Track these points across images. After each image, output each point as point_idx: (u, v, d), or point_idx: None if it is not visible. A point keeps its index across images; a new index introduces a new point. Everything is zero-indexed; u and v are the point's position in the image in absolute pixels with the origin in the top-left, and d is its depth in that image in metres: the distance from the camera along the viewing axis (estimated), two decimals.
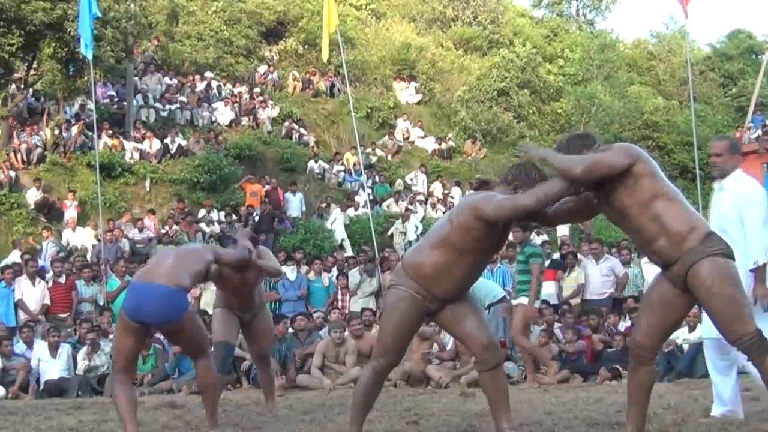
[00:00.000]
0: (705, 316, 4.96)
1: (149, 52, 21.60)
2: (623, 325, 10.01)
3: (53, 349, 9.67)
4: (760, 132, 24.24)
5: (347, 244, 16.25)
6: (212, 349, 5.98)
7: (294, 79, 23.29)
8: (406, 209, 17.76)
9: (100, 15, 13.57)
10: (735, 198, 5.11)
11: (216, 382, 5.58)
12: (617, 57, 29.73)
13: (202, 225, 15.72)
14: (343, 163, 20.03)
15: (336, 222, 16.82)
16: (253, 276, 6.20)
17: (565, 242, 14.66)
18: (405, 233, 16.97)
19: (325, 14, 13.57)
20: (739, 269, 4.78)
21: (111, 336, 9.99)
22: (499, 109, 24.98)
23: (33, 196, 15.63)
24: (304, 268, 12.53)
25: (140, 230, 15.24)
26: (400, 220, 16.98)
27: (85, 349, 9.86)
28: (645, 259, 11.27)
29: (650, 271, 11.08)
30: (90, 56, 13.22)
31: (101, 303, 11.64)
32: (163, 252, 5.77)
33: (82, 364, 9.77)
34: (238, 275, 6.12)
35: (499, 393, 4.52)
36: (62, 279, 11.55)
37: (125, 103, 18.87)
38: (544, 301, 10.50)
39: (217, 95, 21.12)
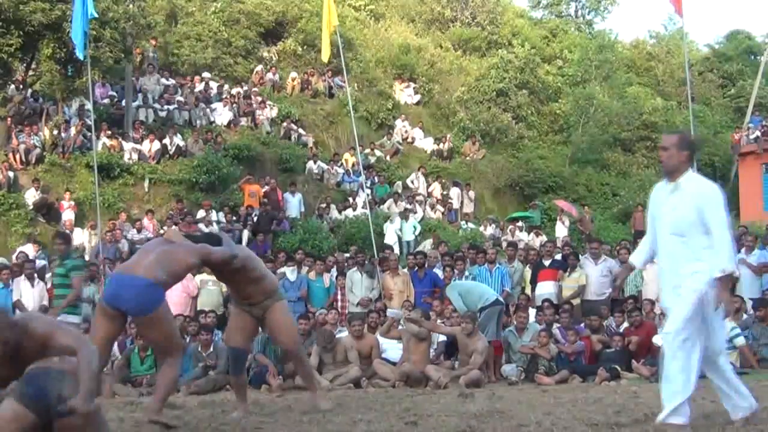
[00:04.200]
0: None
1: (149, 53, 21.57)
2: (622, 325, 10.01)
3: None
4: (758, 133, 24.27)
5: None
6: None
7: (293, 80, 23.29)
8: (405, 209, 17.77)
9: (96, 15, 13.51)
10: (695, 200, 4.72)
11: (175, 381, 5.81)
12: (616, 58, 29.76)
13: (201, 225, 15.71)
14: (341, 164, 20.01)
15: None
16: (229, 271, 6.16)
17: (567, 243, 14.65)
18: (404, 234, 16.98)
19: (324, 14, 13.53)
20: (698, 275, 4.65)
21: None
22: (498, 110, 24.99)
23: (32, 196, 15.62)
24: (304, 269, 12.50)
25: (139, 231, 15.23)
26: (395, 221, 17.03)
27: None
28: None
29: (649, 271, 11.12)
30: (82, 57, 13.13)
31: None
32: (147, 246, 5.97)
33: None
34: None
35: None
36: None
37: (124, 104, 18.85)
38: (546, 300, 10.52)
39: (218, 96, 21.09)
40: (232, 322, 6.56)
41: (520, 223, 18.94)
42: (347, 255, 13.49)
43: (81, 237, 14.92)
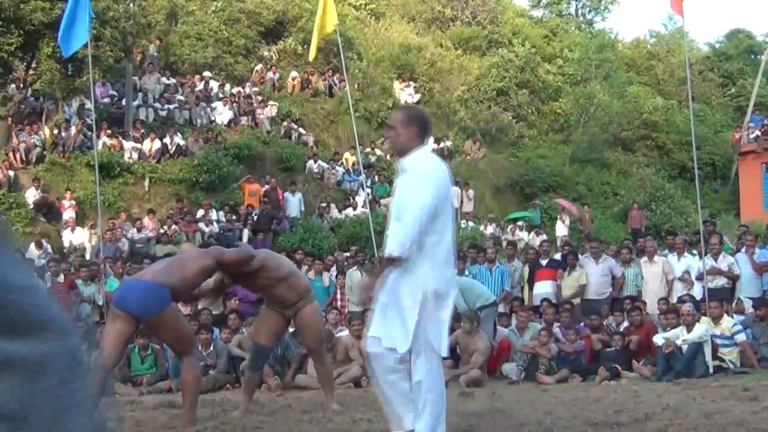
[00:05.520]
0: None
1: (151, 52, 21.56)
2: (622, 325, 10.00)
3: None
4: (758, 132, 24.25)
5: None
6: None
7: (293, 79, 23.29)
8: None
9: (93, 15, 13.47)
10: (410, 180, 4.17)
11: (196, 382, 5.75)
12: (616, 57, 29.76)
13: (201, 225, 15.72)
14: (342, 163, 20.00)
15: None
16: (250, 279, 6.22)
17: (567, 242, 14.65)
18: None
19: (319, 13, 13.48)
20: (416, 268, 4.06)
21: None
22: (498, 109, 24.98)
23: (32, 195, 15.62)
24: (304, 268, 12.50)
25: (139, 230, 15.24)
26: None
27: None
28: (644, 259, 11.30)
29: (649, 271, 11.13)
30: (66, 54, 12.97)
31: (99, 303, 11.61)
32: (163, 259, 6.25)
33: None
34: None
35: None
36: (60, 279, 11.52)
37: (124, 103, 18.85)
38: (545, 299, 10.51)
39: (219, 95, 21.08)
40: (262, 320, 6.60)
41: (520, 222, 18.95)
42: (347, 254, 13.49)
43: (81, 236, 14.93)
